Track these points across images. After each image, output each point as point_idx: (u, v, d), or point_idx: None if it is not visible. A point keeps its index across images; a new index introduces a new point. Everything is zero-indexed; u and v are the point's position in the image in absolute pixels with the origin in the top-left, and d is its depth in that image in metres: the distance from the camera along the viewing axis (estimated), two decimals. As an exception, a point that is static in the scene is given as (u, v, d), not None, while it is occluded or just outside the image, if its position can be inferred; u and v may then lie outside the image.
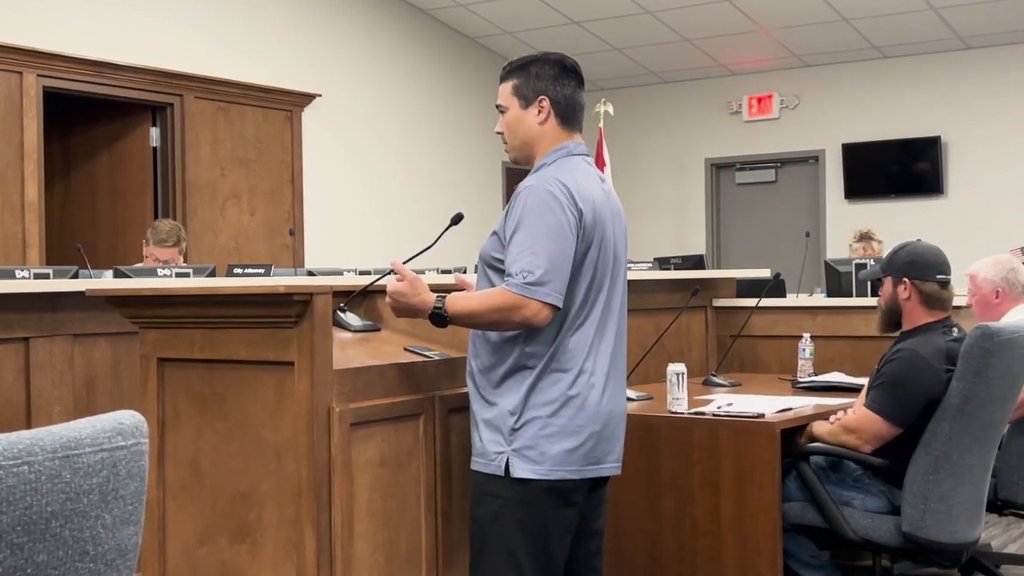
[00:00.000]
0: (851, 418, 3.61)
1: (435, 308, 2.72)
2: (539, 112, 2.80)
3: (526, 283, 2.59)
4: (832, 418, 3.66)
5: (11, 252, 6.66)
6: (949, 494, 3.47)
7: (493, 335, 2.74)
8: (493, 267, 2.76)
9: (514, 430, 2.69)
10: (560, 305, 2.64)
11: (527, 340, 2.70)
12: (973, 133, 9.49)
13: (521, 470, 2.68)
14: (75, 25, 7.14)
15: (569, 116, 2.83)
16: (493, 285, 2.75)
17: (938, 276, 3.65)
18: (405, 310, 2.80)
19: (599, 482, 2.86)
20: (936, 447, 3.46)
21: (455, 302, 2.71)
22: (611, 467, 2.82)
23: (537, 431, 2.68)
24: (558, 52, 2.88)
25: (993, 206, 9.33)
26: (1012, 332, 3.48)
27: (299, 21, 8.60)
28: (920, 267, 3.65)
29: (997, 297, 4.32)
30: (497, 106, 2.89)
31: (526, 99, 2.81)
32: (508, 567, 2.70)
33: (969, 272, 4.43)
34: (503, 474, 2.69)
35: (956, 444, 3.46)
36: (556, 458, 2.69)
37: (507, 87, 2.85)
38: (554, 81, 2.81)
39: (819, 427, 3.66)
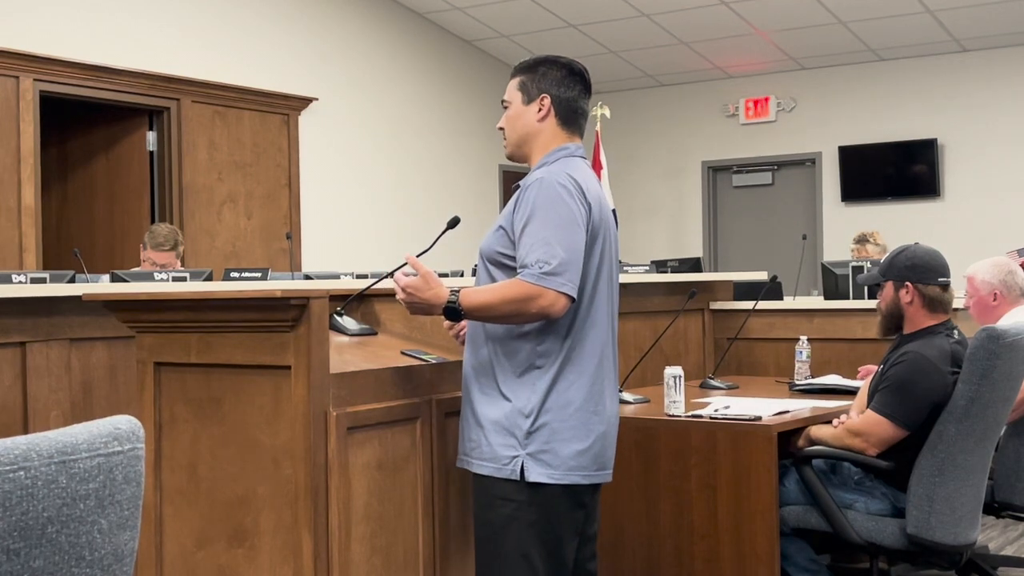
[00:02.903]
0: (856, 421, 3.60)
1: (449, 302, 2.68)
2: (539, 110, 2.84)
3: (542, 273, 2.59)
4: (835, 421, 3.66)
5: (8, 256, 6.65)
6: (954, 495, 3.48)
7: (502, 333, 2.73)
8: (496, 263, 2.76)
9: (529, 433, 2.68)
10: (575, 296, 2.64)
11: (539, 338, 2.70)
12: (969, 136, 9.50)
13: (537, 474, 2.68)
14: (72, 29, 7.14)
15: (570, 119, 2.86)
16: (495, 281, 2.75)
17: (939, 279, 3.66)
18: (418, 305, 2.74)
19: (596, 487, 2.86)
20: (942, 449, 3.47)
21: (469, 295, 2.68)
22: (610, 472, 2.84)
23: (552, 434, 2.68)
24: (569, 57, 2.92)
25: (990, 208, 9.34)
26: (1016, 334, 3.49)
27: (295, 25, 8.60)
28: (921, 271, 3.66)
29: (995, 299, 4.32)
30: (502, 101, 2.93)
31: (529, 95, 2.85)
32: (524, 570, 2.70)
33: (967, 274, 4.44)
34: (519, 478, 2.68)
35: (961, 446, 3.47)
36: (569, 461, 2.69)
37: (514, 83, 2.89)
38: (559, 82, 2.84)
39: (822, 431, 3.66)
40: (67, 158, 7.89)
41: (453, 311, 2.69)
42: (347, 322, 3.21)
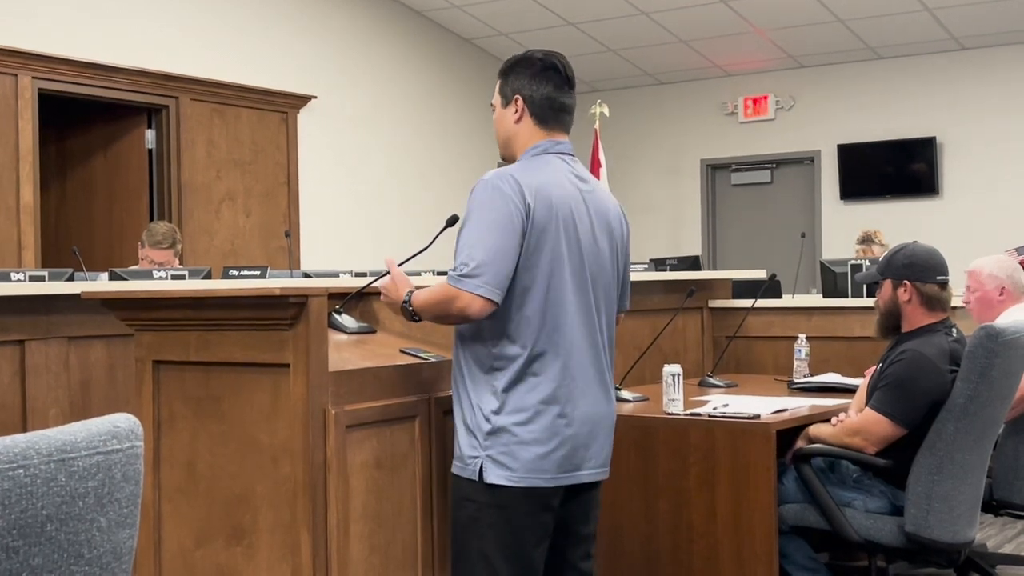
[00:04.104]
0: (855, 420, 3.60)
1: (403, 302, 2.78)
2: (515, 111, 2.82)
3: (460, 275, 2.60)
4: (834, 420, 3.66)
5: (6, 255, 6.65)
6: (951, 494, 3.48)
7: (466, 334, 2.73)
8: None
9: (488, 435, 2.67)
10: (493, 298, 2.59)
11: (495, 341, 2.68)
12: (968, 134, 9.50)
13: (494, 476, 2.66)
14: (70, 27, 7.14)
15: (546, 115, 2.81)
16: None
17: (938, 277, 3.65)
18: (392, 306, 2.87)
19: (584, 487, 2.81)
20: (941, 448, 3.47)
21: (417, 296, 2.76)
22: (591, 473, 2.77)
23: (511, 437, 2.66)
24: (545, 50, 2.88)
25: (988, 207, 9.34)
26: (1014, 332, 3.49)
27: (294, 23, 8.60)
28: (919, 269, 3.66)
29: (1001, 294, 4.31)
30: (491, 105, 2.93)
31: (506, 98, 2.85)
32: (484, 571, 2.69)
33: (971, 268, 4.42)
34: (477, 479, 2.68)
35: (959, 444, 3.47)
36: (528, 464, 2.66)
37: (496, 86, 2.90)
38: (531, 80, 2.81)
39: (821, 429, 3.66)
40: (66, 156, 7.89)
41: (407, 311, 2.78)
42: (346, 320, 3.21)
